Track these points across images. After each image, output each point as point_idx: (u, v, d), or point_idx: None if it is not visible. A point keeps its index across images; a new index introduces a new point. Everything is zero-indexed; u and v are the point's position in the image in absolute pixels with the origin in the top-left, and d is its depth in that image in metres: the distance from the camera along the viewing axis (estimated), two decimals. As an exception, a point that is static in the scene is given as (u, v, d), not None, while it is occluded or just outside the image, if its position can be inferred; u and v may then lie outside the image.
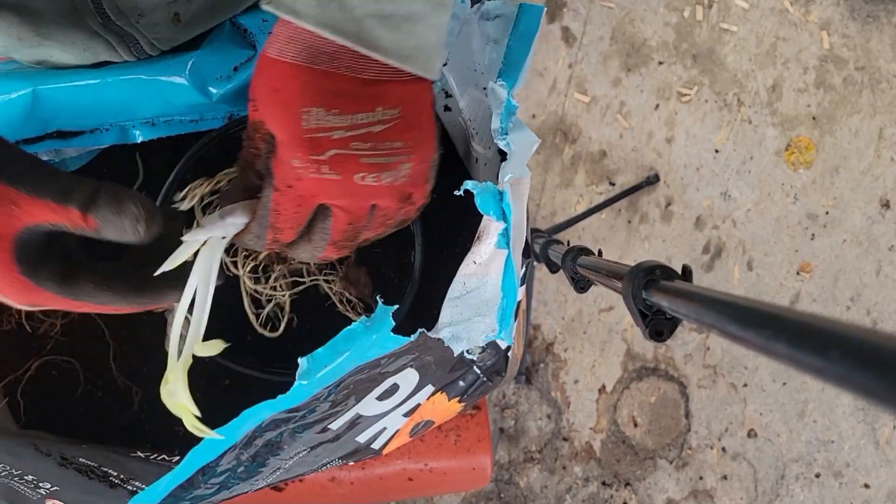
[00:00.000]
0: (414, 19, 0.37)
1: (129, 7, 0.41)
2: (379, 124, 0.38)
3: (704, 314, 0.26)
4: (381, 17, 0.36)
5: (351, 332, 0.38)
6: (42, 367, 0.58)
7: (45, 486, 0.48)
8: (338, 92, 0.37)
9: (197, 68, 0.47)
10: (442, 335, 0.42)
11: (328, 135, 0.37)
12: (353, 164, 0.38)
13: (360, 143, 0.38)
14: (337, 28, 0.35)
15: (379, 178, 0.39)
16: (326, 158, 0.37)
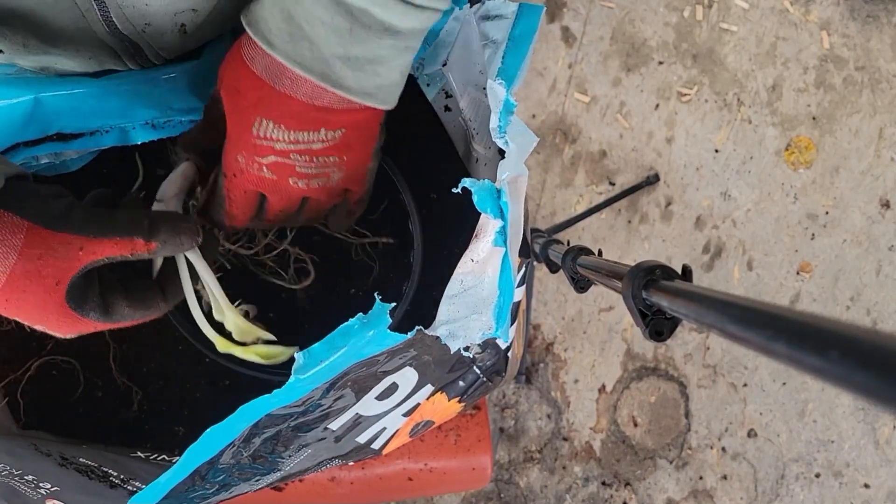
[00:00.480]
0: (378, 61, 0.40)
1: (136, 17, 0.42)
2: (319, 143, 0.43)
3: (704, 314, 0.26)
4: (347, 59, 0.39)
5: (347, 328, 0.38)
6: (42, 368, 0.58)
7: (46, 487, 0.48)
8: (289, 113, 0.41)
9: (198, 76, 0.47)
10: (439, 332, 0.42)
11: (272, 144, 0.42)
12: (288, 170, 0.43)
13: (298, 155, 0.42)
14: (305, 65, 0.39)
15: (308, 184, 0.44)
16: (267, 162, 0.43)
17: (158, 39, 0.44)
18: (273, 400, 0.40)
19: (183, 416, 0.61)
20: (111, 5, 0.41)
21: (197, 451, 0.41)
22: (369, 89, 0.41)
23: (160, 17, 0.43)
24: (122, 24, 0.42)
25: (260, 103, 0.41)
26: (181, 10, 0.43)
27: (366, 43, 0.39)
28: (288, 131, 0.42)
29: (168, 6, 0.42)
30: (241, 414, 0.41)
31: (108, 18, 0.42)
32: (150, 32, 0.44)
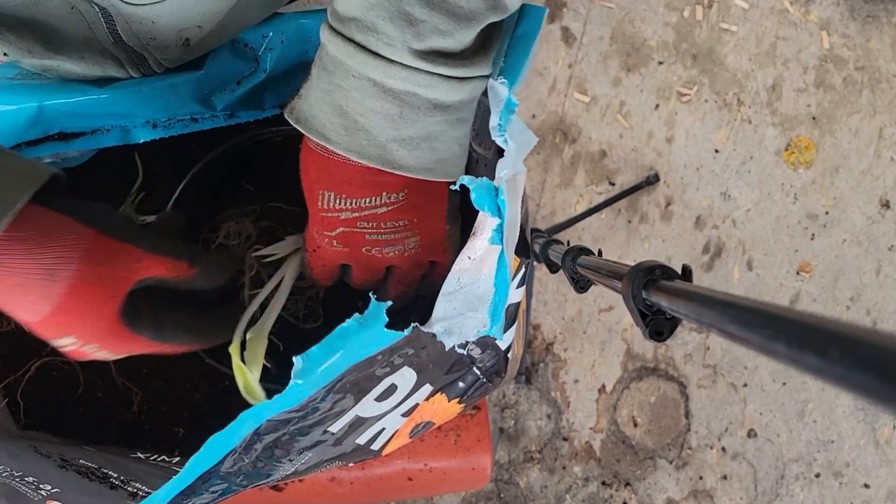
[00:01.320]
0: (433, 138, 0.41)
1: (142, 32, 0.42)
2: (383, 206, 0.43)
3: (704, 314, 0.26)
4: (402, 141, 0.40)
5: (345, 330, 0.38)
6: (42, 369, 0.58)
7: (46, 488, 0.48)
8: (346, 180, 0.42)
9: (200, 86, 0.47)
10: (434, 330, 0.42)
11: (337, 215, 0.43)
12: (359, 240, 0.44)
13: (365, 222, 0.43)
14: (363, 154, 0.40)
15: (382, 252, 0.45)
16: (336, 234, 0.44)
17: (162, 51, 0.45)
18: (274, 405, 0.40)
19: (183, 416, 0.61)
20: (118, 20, 0.41)
21: (200, 459, 0.41)
22: (428, 165, 0.42)
23: (166, 33, 0.43)
24: (127, 38, 0.43)
25: (320, 176, 0.43)
26: (186, 27, 0.44)
27: (417, 123, 0.40)
28: (350, 199, 0.43)
29: (174, 23, 0.43)
30: (242, 420, 0.41)
31: (114, 31, 0.42)
32: (155, 45, 0.44)
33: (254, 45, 0.49)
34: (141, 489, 0.48)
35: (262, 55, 0.49)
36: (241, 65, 0.48)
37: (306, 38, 0.49)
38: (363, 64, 0.38)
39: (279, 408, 0.41)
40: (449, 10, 0.37)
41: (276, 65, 0.49)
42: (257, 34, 0.48)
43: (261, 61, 0.49)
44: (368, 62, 0.38)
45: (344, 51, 0.38)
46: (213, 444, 0.41)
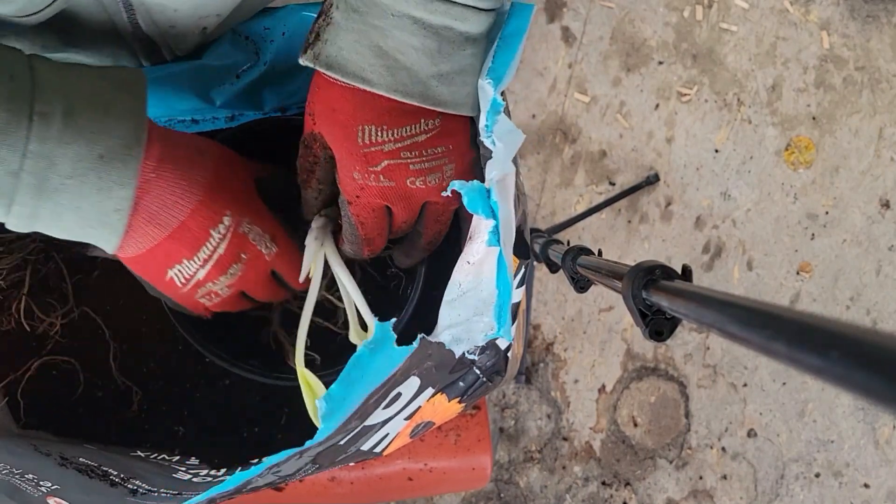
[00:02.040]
0: (464, 72, 0.42)
1: (163, 21, 0.43)
2: (423, 133, 0.42)
3: (704, 314, 0.26)
4: (441, 76, 0.41)
5: (358, 359, 0.38)
6: (42, 367, 0.59)
7: (46, 485, 0.48)
8: (386, 109, 0.41)
9: (200, 77, 0.47)
10: (442, 338, 0.42)
11: (380, 148, 0.42)
12: (404, 171, 0.43)
13: (408, 152, 0.43)
14: (406, 92, 0.40)
15: (426, 182, 0.44)
16: (381, 169, 0.43)
17: (180, 40, 0.45)
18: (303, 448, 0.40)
19: (183, 416, 0.61)
20: (139, 10, 0.42)
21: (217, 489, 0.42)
22: (461, 100, 0.42)
23: (186, 21, 0.43)
24: (147, 27, 0.43)
25: (358, 111, 0.42)
26: (206, 15, 0.44)
27: (453, 57, 0.41)
28: (391, 129, 0.42)
29: (194, 11, 0.43)
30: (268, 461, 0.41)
31: (134, 21, 0.43)
32: (174, 34, 0.44)
33: (254, 38, 0.49)
34: (140, 486, 0.48)
35: (262, 47, 0.49)
36: (240, 57, 0.48)
37: (308, 30, 0.49)
38: (403, 2, 0.38)
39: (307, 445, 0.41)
40: None
41: (277, 57, 0.49)
42: (258, 26, 0.48)
43: (261, 53, 0.49)
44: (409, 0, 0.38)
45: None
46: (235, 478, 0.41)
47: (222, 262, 0.43)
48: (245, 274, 0.45)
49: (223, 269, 0.44)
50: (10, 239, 0.57)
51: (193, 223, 0.41)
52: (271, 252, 0.45)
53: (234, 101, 0.51)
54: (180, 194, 0.40)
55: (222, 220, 0.42)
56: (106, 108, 0.37)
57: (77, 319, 0.59)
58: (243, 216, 0.43)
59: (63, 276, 0.58)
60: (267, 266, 0.46)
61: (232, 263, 0.44)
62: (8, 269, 0.56)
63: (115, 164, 0.37)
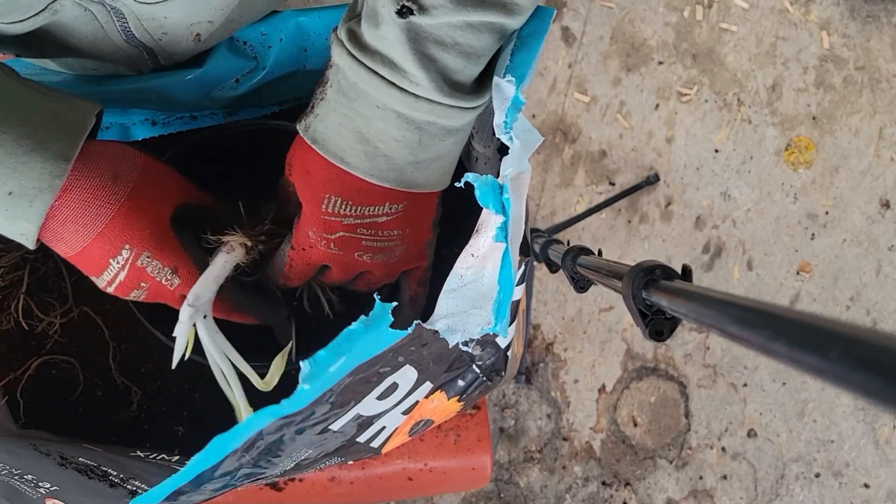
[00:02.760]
0: (442, 157, 0.44)
1: (154, 28, 0.43)
2: (384, 216, 0.45)
3: (704, 314, 0.26)
4: (417, 164, 0.43)
5: (351, 333, 0.38)
6: (41, 367, 0.58)
7: (45, 486, 0.48)
8: (355, 188, 0.43)
9: (200, 83, 0.47)
10: (437, 326, 0.42)
11: (340, 220, 0.44)
12: (355, 245, 0.45)
13: (365, 230, 0.45)
14: (381, 177, 0.43)
15: (373, 258, 0.46)
16: (335, 238, 0.45)
17: (174, 47, 0.46)
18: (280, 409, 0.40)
19: (182, 415, 0.61)
20: (130, 18, 0.42)
21: (202, 459, 0.41)
22: (436, 180, 0.45)
23: (177, 28, 0.44)
24: (140, 35, 0.44)
25: (328, 182, 0.44)
26: (198, 22, 0.44)
27: (432, 147, 0.43)
28: (355, 206, 0.44)
29: (186, 18, 0.44)
30: (247, 423, 0.40)
31: (126, 30, 0.43)
32: (167, 41, 0.45)
33: (253, 43, 0.49)
34: (140, 487, 0.48)
35: (261, 53, 0.49)
36: (240, 63, 0.48)
37: (304, 35, 0.49)
38: (389, 97, 0.40)
39: (285, 411, 0.41)
40: (462, 50, 0.39)
41: (276, 62, 0.49)
42: (256, 32, 0.48)
43: (260, 59, 0.49)
44: (394, 96, 0.40)
45: (369, 82, 0.40)
46: (216, 444, 0.41)
47: (124, 287, 0.45)
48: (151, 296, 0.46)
49: (126, 292, 0.45)
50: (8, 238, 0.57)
51: (94, 250, 0.42)
52: (173, 283, 0.45)
53: (232, 103, 0.51)
54: (83, 223, 0.41)
55: (120, 251, 0.43)
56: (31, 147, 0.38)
57: (76, 319, 0.59)
58: (143, 249, 0.44)
59: (62, 276, 0.58)
60: (172, 293, 0.46)
61: (133, 289, 0.45)
62: (7, 269, 0.56)
63: (21, 203, 0.39)
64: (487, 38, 0.40)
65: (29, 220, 0.39)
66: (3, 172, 0.38)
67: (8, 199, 0.38)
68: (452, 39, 0.39)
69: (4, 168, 0.38)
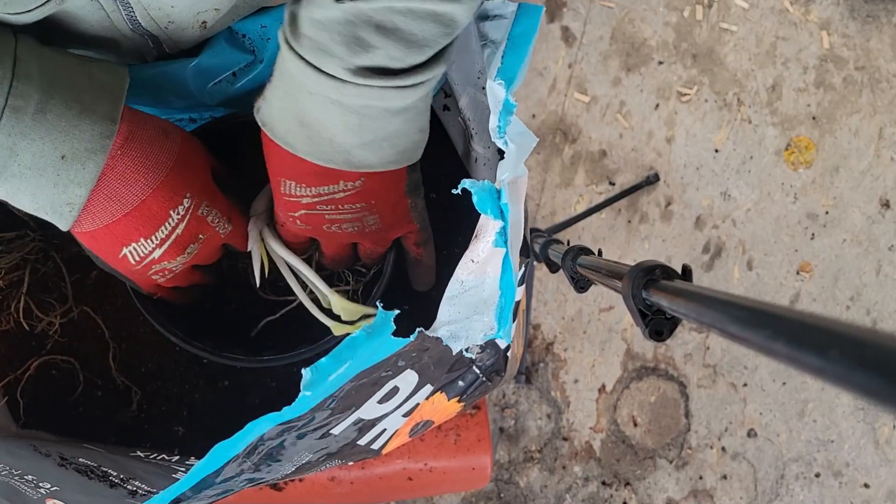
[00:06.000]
0: (394, 136, 0.42)
1: (160, 17, 0.43)
2: (341, 192, 0.44)
3: (704, 314, 0.26)
4: (365, 145, 0.42)
5: (353, 341, 0.38)
6: (41, 367, 0.58)
7: (45, 486, 0.48)
8: (305, 170, 0.43)
9: (197, 73, 0.47)
10: (440, 334, 0.42)
11: (298, 200, 0.45)
12: (320, 220, 0.46)
13: (325, 206, 0.45)
14: (328, 160, 0.42)
15: (342, 229, 0.46)
16: (298, 216, 0.46)
17: (179, 34, 0.46)
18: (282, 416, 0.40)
19: (182, 415, 0.61)
20: (136, 8, 0.42)
21: (204, 466, 0.41)
22: (391, 158, 0.44)
23: (184, 16, 0.44)
24: (146, 24, 0.43)
25: (281, 167, 0.44)
26: (204, 10, 0.44)
27: (377, 129, 0.41)
28: (309, 188, 0.44)
29: (192, 6, 0.43)
30: (248, 429, 0.41)
31: (132, 18, 0.43)
32: (173, 29, 0.45)
33: (252, 36, 0.48)
34: (140, 487, 0.48)
35: (259, 46, 0.49)
36: (237, 56, 0.48)
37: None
38: (318, 83, 0.39)
39: (286, 417, 0.41)
40: (403, 37, 0.38)
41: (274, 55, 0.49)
42: (255, 24, 0.48)
43: (258, 52, 0.49)
44: (322, 81, 0.39)
45: (299, 68, 0.39)
46: (218, 451, 0.41)
47: (180, 243, 0.44)
48: (201, 252, 0.46)
49: (181, 250, 0.45)
50: (9, 238, 0.57)
51: (154, 203, 0.42)
52: (227, 231, 0.47)
53: (231, 100, 0.50)
54: (144, 173, 0.41)
55: (182, 201, 0.43)
56: (80, 110, 0.38)
57: (76, 319, 0.59)
58: (203, 198, 0.44)
59: (62, 276, 0.58)
60: (221, 242, 0.48)
61: (190, 244, 0.45)
62: (7, 269, 0.56)
63: (75, 166, 0.39)
64: (432, 27, 0.38)
65: (81, 183, 0.39)
66: (56, 137, 0.38)
67: (60, 164, 0.38)
68: (393, 24, 0.37)
69: (56, 132, 0.38)
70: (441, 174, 0.57)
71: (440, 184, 0.57)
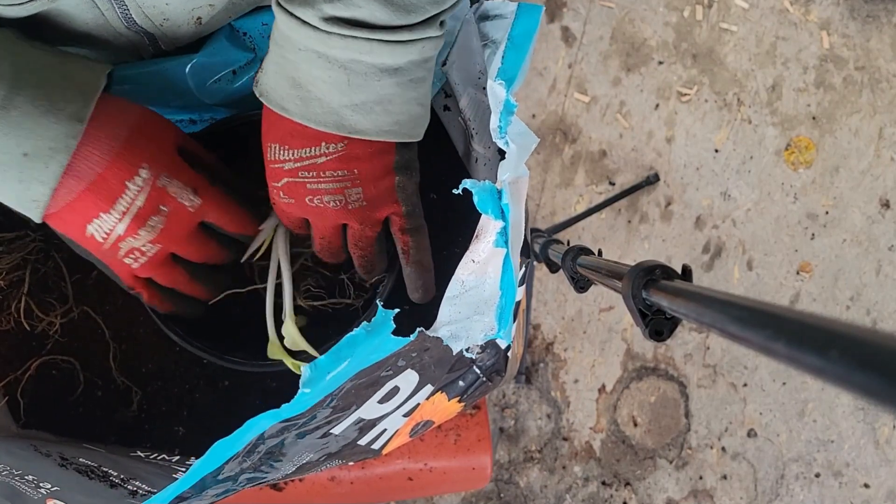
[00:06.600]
0: (385, 101, 0.42)
1: (155, 14, 0.43)
2: (322, 156, 0.43)
3: (704, 314, 0.26)
4: (355, 106, 0.41)
5: (353, 339, 0.38)
6: (42, 367, 0.58)
7: (46, 487, 0.48)
8: (289, 131, 0.43)
9: (197, 71, 0.47)
10: (440, 334, 0.42)
11: (281, 166, 0.44)
12: (301, 190, 0.45)
13: (306, 172, 0.44)
14: (319, 121, 0.42)
15: (324, 202, 0.45)
16: (282, 185, 0.45)
17: (175, 31, 0.46)
18: (281, 413, 0.40)
19: (182, 416, 0.61)
20: (131, 5, 0.42)
21: (204, 463, 0.41)
22: (385, 127, 0.43)
23: (178, 12, 0.44)
24: (141, 21, 0.44)
25: (269, 130, 0.44)
26: (199, 6, 0.44)
27: (367, 88, 0.41)
28: (292, 150, 0.44)
29: (187, 2, 0.43)
30: (248, 427, 0.40)
31: (127, 16, 0.43)
32: (168, 26, 0.45)
33: (252, 34, 0.48)
34: (141, 487, 0.48)
35: (259, 44, 0.49)
36: (237, 54, 0.48)
37: None
38: (305, 37, 0.39)
39: (286, 415, 0.41)
40: None
41: None
42: (256, 22, 0.48)
43: (258, 50, 0.49)
44: (310, 35, 0.39)
45: (289, 25, 0.40)
46: (217, 449, 0.41)
47: (141, 216, 0.43)
48: (168, 228, 0.45)
49: (142, 222, 0.44)
50: (9, 238, 0.57)
51: (111, 175, 0.42)
52: (195, 204, 0.45)
53: (231, 100, 0.50)
54: (98, 146, 0.41)
55: (139, 172, 0.42)
56: (46, 108, 0.38)
57: (76, 319, 0.59)
58: (161, 169, 0.43)
59: (62, 276, 0.58)
60: (192, 218, 0.45)
61: (151, 216, 0.44)
62: (7, 269, 0.56)
63: (37, 164, 0.39)
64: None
65: (43, 182, 0.39)
66: (19, 134, 0.38)
67: (23, 161, 0.38)
68: None
69: (19, 130, 0.38)
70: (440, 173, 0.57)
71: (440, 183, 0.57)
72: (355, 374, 0.41)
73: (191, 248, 0.47)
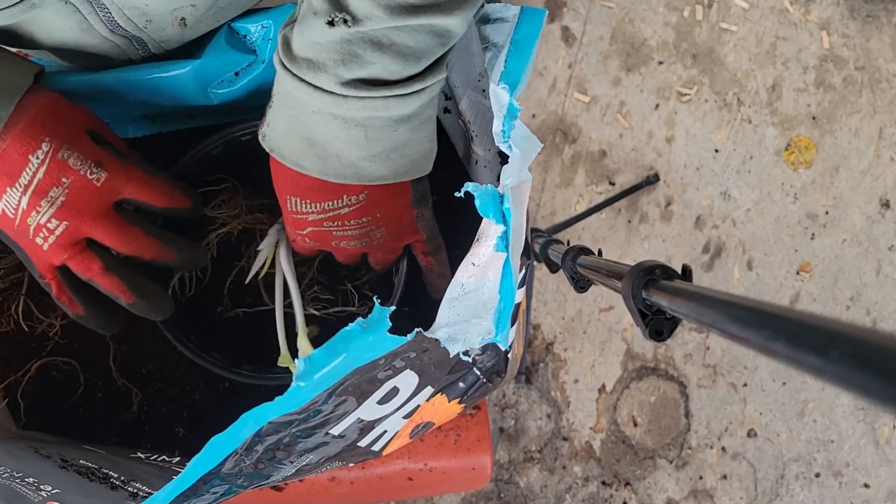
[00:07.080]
0: (401, 146, 0.43)
1: (137, 16, 0.43)
2: (346, 207, 0.45)
3: (704, 314, 0.26)
4: (373, 157, 0.42)
5: (348, 334, 0.38)
6: (42, 369, 0.58)
7: (47, 489, 0.48)
8: (310, 186, 0.44)
9: (198, 74, 0.47)
10: (438, 335, 0.42)
11: (305, 217, 0.46)
12: (328, 237, 0.47)
13: (331, 222, 0.46)
14: (338, 175, 0.43)
15: (350, 245, 0.48)
16: (307, 233, 0.47)
17: (160, 33, 0.46)
18: (275, 407, 0.40)
19: (182, 417, 0.61)
20: (112, 7, 0.42)
21: (201, 460, 0.41)
22: (401, 170, 0.44)
23: (160, 14, 0.44)
24: (124, 23, 0.44)
25: (287, 185, 0.45)
26: (180, 6, 0.44)
27: (383, 139, 0.42)
28: (314, 203, 0.45)
29: (166, 3, 0.43)
30: (243, 421, 0.40)
31: (110, 19, 0.43)
32: (152, 28, 0.45)
33: (253, 37, 0.49)
34: (141, 489, 0.48)
35: (260, 46, 0.49)
36: (238, 56, 0.48)
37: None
38: (319, 101, 0.40)
39: (281, 410, 0.41)
40: (399, 51, 0.39)
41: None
42: (256, 24, 0.48)
43: (259, 52, 0.49)
44: (324, 99, 0.39)
45: (299, 89, 0.40)
46: (214, 445, 0.41)
47: (42, 188, 0.43)
48: (71, 202, 0.43)
49: (43, 194, 0.43)
50: (9, 240, 0.57)
51: (13, 149, 0.42)
52: (100, 177, 0.44)
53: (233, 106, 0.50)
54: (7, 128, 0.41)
55: (41, 146, 0.42)
56: None
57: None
58: (63, 142, 0.43)
59: (63, 278, 0.58)
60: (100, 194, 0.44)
61: (52, 187, 0.43)
62: (6, 270, 0.56)
63: None
64: (427, 39, 0.39)
65: None
66: None
67: None
68: (389, 39, 0.38)
69: None
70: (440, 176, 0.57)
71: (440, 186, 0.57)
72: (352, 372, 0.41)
73: (105, 230, 0.45)
